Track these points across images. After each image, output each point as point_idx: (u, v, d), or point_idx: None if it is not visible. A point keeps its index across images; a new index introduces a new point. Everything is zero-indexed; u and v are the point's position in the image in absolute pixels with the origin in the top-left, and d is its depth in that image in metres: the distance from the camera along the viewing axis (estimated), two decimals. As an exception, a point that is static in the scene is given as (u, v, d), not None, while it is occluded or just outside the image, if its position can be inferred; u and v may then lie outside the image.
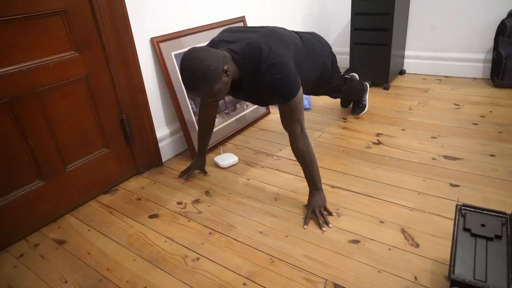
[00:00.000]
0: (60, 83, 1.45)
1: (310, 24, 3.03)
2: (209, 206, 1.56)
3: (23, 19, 1.30)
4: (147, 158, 1.86)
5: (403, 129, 2.10)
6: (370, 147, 1.93)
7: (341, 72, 1.97)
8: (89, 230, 1.47)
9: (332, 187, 1.62)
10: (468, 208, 1.08)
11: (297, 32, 1.58)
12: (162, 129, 1.94)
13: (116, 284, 1.20)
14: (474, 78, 2.78)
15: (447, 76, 2.90)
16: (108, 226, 1.48)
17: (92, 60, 1.54)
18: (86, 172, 1.62)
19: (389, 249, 1.24)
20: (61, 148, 1.51)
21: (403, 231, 1.32)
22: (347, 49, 3.24)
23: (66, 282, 1.22)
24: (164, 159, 1.96)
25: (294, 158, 1.87)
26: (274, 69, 1.27)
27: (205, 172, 1.81)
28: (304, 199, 1.55)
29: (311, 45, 1.58)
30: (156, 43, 1.77)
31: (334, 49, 3.37)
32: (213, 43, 1.42)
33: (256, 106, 2.35)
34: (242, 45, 1.32)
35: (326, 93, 1.98)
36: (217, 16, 2.14)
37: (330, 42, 3.39)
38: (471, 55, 2.75)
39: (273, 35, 1.35)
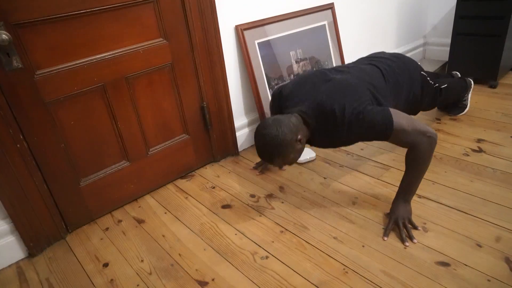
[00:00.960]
0: (148, 69, 1.50)
1: (406, 11, 2.75)
2: (282, 202, 1.51)
3: (119, 7, 1.36)
4: (224, 146, 1.88)
5: (512, 137, 1.80)
6: (468, 155, 1.69)
7: (435, 85, 1.71)
8: (165, 213, 1.52)
9: (419, 196, 1.45)
10: None
11: (378, 67, 1.43)
12: (240, 118, 1.93)
13: (186, 271, 1.22)
14: None
15: None
16: (182, 211, 1.52)
17: (178, 48, 1.57)
18: (166, 156, 1.68)
19: (488, 280, 1.06)
20: (145, 132, 1.58)
21: (507, 260, 1.12)
22: (447, 40, 2.88)
23: (142, 261, 1.28)
24: (240, 148, 1.96)
25: (377, 160, 1.72)
26: (357, 123, 1.19)
27: (281, 167, 1.76)
28: (386, 207, 1.41)
29: (395, 79, 1.43)
30: (240, 31, 1.74)
31: (431, 40, 3.03)
32: (281, 100, 1.39)
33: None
34: (312, 106, 1.24)
35: (417, 113, 1.74)
36: (303, 3, 2.03)
37: (426, 32, 3.05)
38: None
39: (344, 90, 1.24)
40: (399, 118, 1.18)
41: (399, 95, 1.42)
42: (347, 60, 2.37)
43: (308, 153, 1.80)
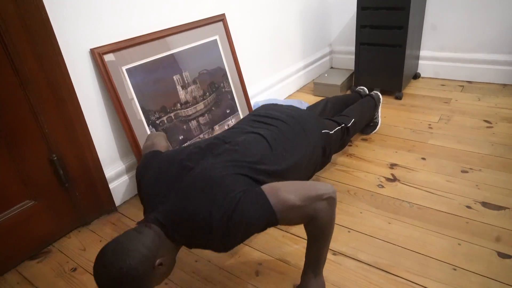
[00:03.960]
0: None
1: (308, 20, 2.56)
2: (166, 284, 1.14)
3: None
4: (94, 204, 1.44)
5: (423, 158, 1.66)
6: (383, 186, 1.50)
7: (340, 125, 1.49)
8: (-9, 330, 1.05)
9: (334, 253, 1.20)
10: None
11: (263, 136, 1.11)
12: (115, 165, 1.51)
13: None
14: (504, 85, 2.32)
15: (470, 82, 2.44)
16: (21, 320, 1.07)
17: (-1, 85, 1.11)
18: (1, 236, 1.20)
19: None
20: (-45, 211, 1.09)
21: None
22: (351, 48, 2.78)
23: None
24: (118, 202, 1.54)
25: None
26: (232, 231, 0.84)
27: (168, 224, 1.39)
28: (297, 275, 1.12)
29: (284, 146, 1.12)
30: (98, 55, 1.33)
31: (337, 48, 2.91)
32: (140, 190, 1.00)
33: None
34: (172, 214, 0.87)
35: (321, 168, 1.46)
36: (186, 17, 1.68)
37: (331, 41, 2.92)
38: (501, 56, 2.29)
39: (209, 189, 0.88)
40: (282, 193, 0.87)
41: (291, 161, 1.11)
42: (246, 79, 2.08)
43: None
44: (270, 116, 1.24)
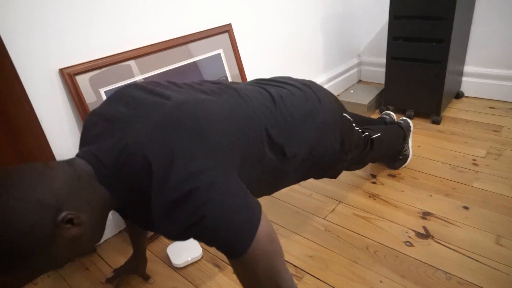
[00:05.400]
0: None
1: (332, 28, 2.27)
2: None
3: None
4: (64, 247, 1.24)
5: (465, 207, 1.34)
6: (411, 244, 1.20)
7: (363, 134, 1.21)
8: None
9: None
10: None
11: (269, 92, 0.86)
12: (91, 201, 1.30)
13: None
14: None
15: (525, 104, 2.06)
16: None
17: None
18: None
19: None
20: None
21: None
22: (382, 60, 2.45)
23: None
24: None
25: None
26: (185, 209, 0.57)
27: (146, 278, 1.16)
28: None
29: (294, 105, 0.87)
30: (68, 76, 1.12)
31: (366, 60, 2.59)
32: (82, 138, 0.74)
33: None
34: (116, 151, 0.62)
35: (335, 175, 1.19)
36: (183, 29, 1.45)
37: (359, 51, 2.61)
38: None
39: (181, 131, 0.61)
40: (269, 242, 0.62)
41: (300, 136, 0.86)
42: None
43: (190, 251, 1.22)
44: (279, 80, 0.98)
